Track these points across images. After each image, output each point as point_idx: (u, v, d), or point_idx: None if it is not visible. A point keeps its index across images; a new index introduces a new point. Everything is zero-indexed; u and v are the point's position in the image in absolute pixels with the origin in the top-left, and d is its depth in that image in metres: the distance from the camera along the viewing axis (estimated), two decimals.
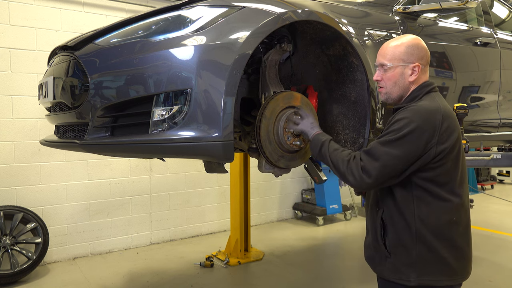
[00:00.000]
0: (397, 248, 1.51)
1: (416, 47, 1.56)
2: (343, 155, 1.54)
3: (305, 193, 5.75)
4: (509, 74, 3.23)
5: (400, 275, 1.50)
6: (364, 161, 1.46)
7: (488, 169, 8.11)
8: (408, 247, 1.48)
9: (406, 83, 1.57)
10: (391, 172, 1.44)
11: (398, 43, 1.58)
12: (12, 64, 3.72)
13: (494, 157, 3.08)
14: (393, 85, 1.59)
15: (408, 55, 1.55)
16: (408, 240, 1.48)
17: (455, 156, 1.47)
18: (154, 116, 1.61)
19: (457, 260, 1.48)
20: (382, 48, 1.62)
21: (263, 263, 3.99)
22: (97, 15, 4.11)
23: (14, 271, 3.41)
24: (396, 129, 1.44)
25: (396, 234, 1.51)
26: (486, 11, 3.35)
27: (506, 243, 4.64)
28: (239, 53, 1.60)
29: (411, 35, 1.62)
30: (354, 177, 1.47)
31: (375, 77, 1.63)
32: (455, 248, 1.48)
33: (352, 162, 1.49)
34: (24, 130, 3.80)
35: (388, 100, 1.63)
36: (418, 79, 1.57)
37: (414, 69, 1.56)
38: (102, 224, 4.24)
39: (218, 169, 2.00)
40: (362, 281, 3.50)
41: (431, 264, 1.46)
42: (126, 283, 3.50)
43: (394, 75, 1.57)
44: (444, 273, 1.47)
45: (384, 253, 1.54)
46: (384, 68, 1.59)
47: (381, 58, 1.60)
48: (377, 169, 1.43)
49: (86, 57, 1.74)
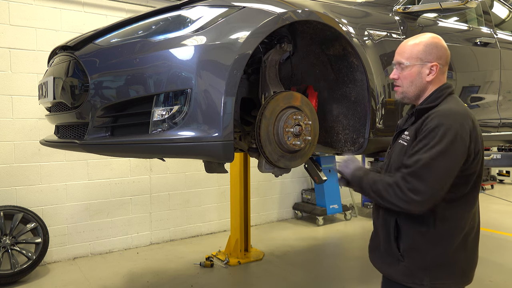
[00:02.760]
0: (411, 252, 1.48)
1: (435, 46, 1.53)
2: (383, 182, 1.45)
3: (305, 193, 5.75)
4: (509, 74, 3.23)
5: (413, 279, 1.48)
6: (411, 182, 1.37)
7: (488, 169, 8.11)
8: (423, 250, 1.46)
9: (424, 83, 1.54)
10: (447, 181, 1.37)
11: (417, 41, 1.55)
12: (12, 64, 3.72)
13: (494, 157, 3.08)
14: (410, 84, 1.55)
15: (426, 54, 1.52)
16: (425, 244, 1.46)
17: (481, 158, 1.46)
18: (154, 116, 1.61)
19: (468, 264, 1.49)
20: (400, 47, 1.59)
21: (263, 263, 3.99)
22: (97, 15, 4.10)
23: (14, 271, 3.41)
24: (438, 140, 1.37)
25: (412, 238, 1.48)
26: (486, 11, 3.35)
27: (506, 243, 4.64)
28: (239, 53, 1.60)
29: (430, 33, 1.58)
30: (404, 201, 1.38)
31: (391, 76, 1.60)
32: (467, 252, 1.48)
33: (395, 187, 1.40)
34: (24, 130, 3.80)
35: (404, 99, 1.59)
36: (436, 79, 1.54)
37: (432, 69, 1.52)
38: (102, 224, 4.24)
39: (218, 169, 2.00)
40: (362, 281, 3.50)
41: (445, 268, 1.45)
42: (126, 283, 3.50)
43: (411, 74, 1.54)
44: (456, 277, 1.47)
45: (397, 256, 1.51)
46: (401, 66, 1.56)
47: (398, 57, 1.57)
48: (430, 183, 1.35)
49: (86, 57, 1.74)
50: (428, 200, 1.36)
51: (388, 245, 1.54)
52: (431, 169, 1.35)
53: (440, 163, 1.35)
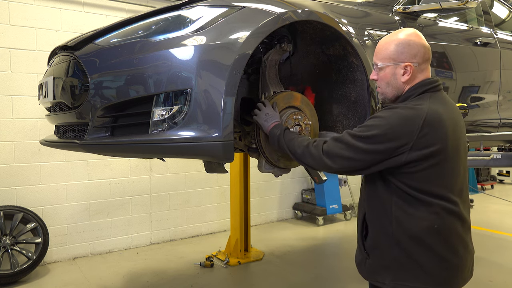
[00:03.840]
0: (374, 250, 1.50)
1: (407, 45, 1.46)
2: (299, 141, 1.59)
3: (305, 193, 5.75)
4: (509, 74, 3.23)
5: (376, 277, 1.50)
6: (330, 146, 1.46)
7: (488, 169, 8.11)
8: (384, 249, 1.46)
9: (399, 83, 1.49)
10: (355, 165, 1.42)
11: (389, 41, 1.49)
12: (12, 64, 3.72)
13: (494, 157, 3.09)
14: (387, 85, 1.51)
15: (398, 54, 1.46)
16: (384, 243, 1.45)
17: (438, 162, 1.38)
18: (154, 116, 1.61)
19: (440, 269, 1.40)
20: (376, 46, 1.55)
21: (263, 263, 3.99)
22: (97, 15, 4.10)
23: (14, 271, 3.41)
24: (370, 126, 1.40)
25: (374, 236, 1.50)
26: (486, 11, 3.35)
27: (506, 243, 4.64)
28: (239, 53, 1.60)
29: (406, 30, 1.51)
30: (314, 158, 1.50)
31: (371, 76, 1.58)
32: (436, 256, 1.39)
33: (311, 146, 1.52)
34: (24, 130, 3.80)
35: (385, 100, 1.57)
36: (413, 78, 1.47)
37: (406, 69, 1.46)
38: (102, 224, 4.24)
39: (218, 169, 2.00)
40: (362, 281, 3.48)
41: (407, 269, 1.42)
42: (126, 283, 3.50)
43: (386, 76, 1.50)
44: (422, 281, 1.40)
45: (364, 254, 1.54)
46: (378, 67, 1.52)
47: (374, 57, 1.55)
48: (341, 158, 1.43)
49: (86, 57, 1.74)
50: (336, 168, 1.46)
51: (360, 243, 1.58)
52: (351, 145, 1.41)
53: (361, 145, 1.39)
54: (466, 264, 1.47)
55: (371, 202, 1.52)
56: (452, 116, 1.45)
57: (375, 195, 1.50)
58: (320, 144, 1.50)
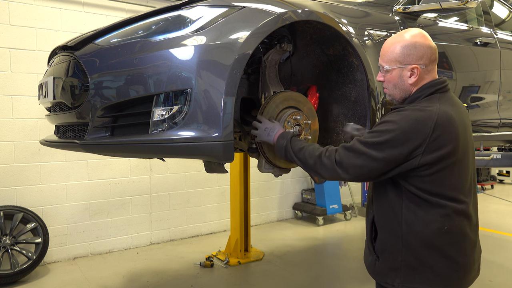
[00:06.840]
0: (383, 252, 1.50)
1: (413, 47, 1.45)
2: (310, 150, 1.54)
3: (305, 193, 5.75)
4: (509, 74, 3.23)
5: (385, 278, 1.49)
6: (342, 156, 1.43)
7: (488, 169, 8.11)
8: (394, 252, 1.45)
9: (406, 85, 1.48)
10: (369, 173, 1.40)
11: (394, 42, 1.48)
12: (12, 64, 3.72)
13: (494, 157, 3.09)
14: (394, 88, 1.51)
15: (404, 56, 1.45)
16: (394, 245, 1.45)
17: (450, 164, 1.38)
18: (154, 116, 1.61)
19: (450, 271, 1.40)
20: (382, 48, 1.54)
21: (263, 263, 3.99)
22: (97, 15, 4.10)
23: (14, 271, 3.41)
24: (381, 132, 1.38)
25: (383, 238, 1.50)
26: (486, 11, 3.35)
27: (506, 243, 4.64)
28: (239, 53, 1.60)
29: (412, 31, 1.50)
30: (327, 170, 1.46)
31: (378, 78, 1.58)
32: (446, 258, 1.40)
33: (323, 157, 1.47)
34: (24, 130, 3.80)
35: (393, 101, 1.56)
36: (420, 80, 1.47)
37: (413, 71, 1.45)
38: (102, 224, 4.24)
39: (218, 169, 2.00)
40: (362, 281, 3.50)
41: (417, 272, 1.42)
42: (126, 283, 3.50)
43: (393, 78, 1.49)
44: (432, 283, 1.40)
45: (374, 256, 1.54)
46: (384, 69, 1.52)
47: (380, 59, 1.54)
48: (354, 167, 1.40)
49: (86, 57, 1.74)
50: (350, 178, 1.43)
51: (370, 245, 1.58)
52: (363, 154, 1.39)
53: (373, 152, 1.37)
54: (474, 263, 1.48)
55: (380, 204, 1.52)
56: (461, 117, 1.45)
57: (384, 198, 1.49)
58: (332, 154, 1.46)
